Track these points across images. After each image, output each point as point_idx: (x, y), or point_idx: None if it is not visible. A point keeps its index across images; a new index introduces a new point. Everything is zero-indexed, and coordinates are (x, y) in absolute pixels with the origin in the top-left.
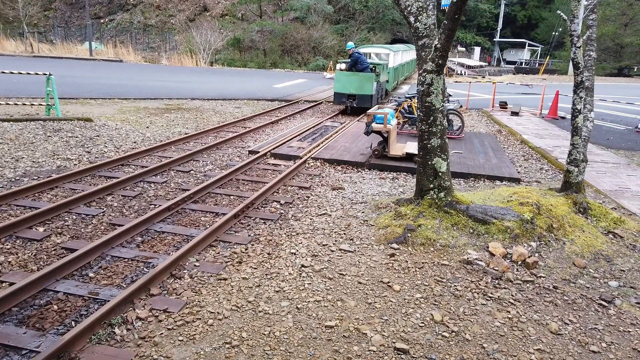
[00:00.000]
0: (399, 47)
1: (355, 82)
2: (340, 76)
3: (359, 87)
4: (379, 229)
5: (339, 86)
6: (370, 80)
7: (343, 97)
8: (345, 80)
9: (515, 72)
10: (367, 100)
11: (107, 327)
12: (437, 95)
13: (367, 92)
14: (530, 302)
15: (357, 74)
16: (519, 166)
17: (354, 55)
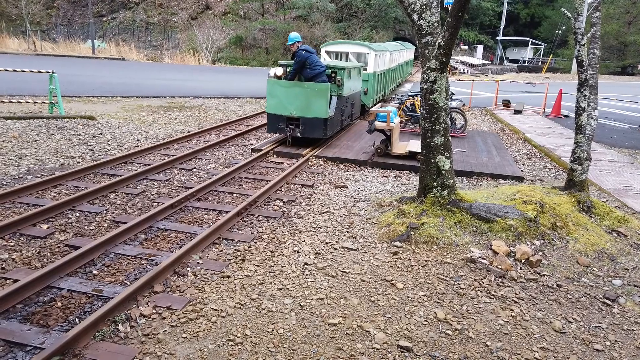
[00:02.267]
0: (388, 46)
1: (300, 98)
2: (274, 88)
3: (304, 107)
4: (381, 227)
5: (273, 104)
6: (323, 95)
7: (280, 121)
8: (282, 95)
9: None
10: (318, 127)
11: (111, 324)
12: (441, 93)
13: (318, 113)
14: (533, 300)
15: (303, 84)
16: (522, 164)
17: (299, 54)
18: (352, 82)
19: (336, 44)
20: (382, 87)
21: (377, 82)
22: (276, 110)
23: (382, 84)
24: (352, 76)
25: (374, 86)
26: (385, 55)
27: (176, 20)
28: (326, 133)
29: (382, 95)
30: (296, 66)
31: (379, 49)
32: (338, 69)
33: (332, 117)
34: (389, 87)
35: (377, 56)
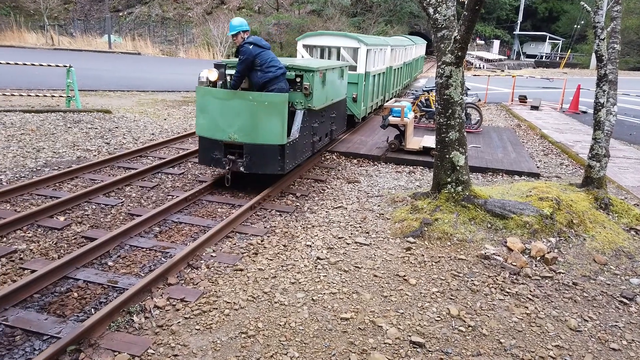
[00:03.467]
0: (390, 40)
1: (243, 116)
2: (206, 100)
3: (250, 128)
4: (395, 223)
5: (205, 123)
6: (277, 111)
7: (214, 149)
8: (217, 111)
9: (536, 65)
10: (270, 159)
11: (126, 315)
12: (456, 88)
13: (270, 138)
14: (548, 298)
15: (247, 95)
16: (538, 161)
17: (244, 50)
18: (329, 88)
19: (317, 36)
20: (380, 91)
21: (373, 86)
22: (209, 132)
23: (381, 87)
24: (330, 80)
25: (368, 91)
26: (384, 51)
27: (191, 15)
28: (284, 166)
29: (382, 101)
30: (241, 67)
31: (375, 43)
32: (305, 70)
33: (296, 142)
34: (392, 90)
35: (371, 52)
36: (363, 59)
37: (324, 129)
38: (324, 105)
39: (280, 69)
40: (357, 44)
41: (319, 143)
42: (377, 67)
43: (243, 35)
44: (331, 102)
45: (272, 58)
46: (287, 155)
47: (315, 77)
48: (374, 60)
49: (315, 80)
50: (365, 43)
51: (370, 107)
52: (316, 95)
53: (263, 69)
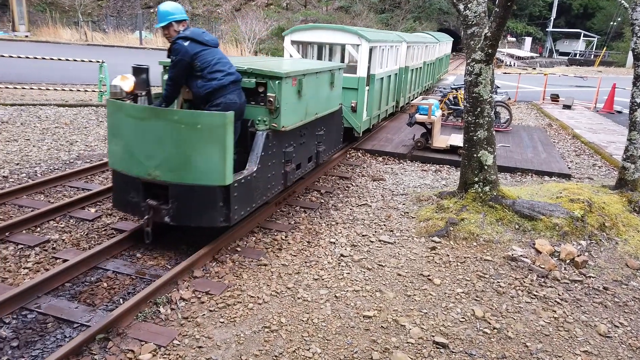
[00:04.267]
0: (406, 36)
1: (167, 143)
2: (118, 119)
3: (176, 161)
4: (420, 222)
5: (118, 151)
6: (217, 138)
7: (130, 188)
8: (132, 135)
9: (569, 63)
10: (207, 206)
11: (153, 306)
12: (485, 86)
13: (206, 176)
14: (578, 302)
15: (173, 115)
16: (569, 162)
17: (177, 47)
18: (311, 99)
19: (308, 30)
20: (391, 96)
21: (380, 91)
22: (123, 165)
23: (392, 91)
24: (312, 88)
25: (372, 98)
26: (396, 49)
27: (220, 11)
28: (229, 215)
29: (394, 108)
30: (173, 73)
31: (382, 38)
32: (270, 76)
33: (252, 178)
34: (409, 94)
35: (376, 50)
36: (365, 58)
37: (304, 152)
38: (301, 122)
39: (231, 74)
40: (356, 39)
41: (297, 172)
42: (385, 68)
43: (177, 28)
44: (315, 117)
45: (218, 59)
46: (235, 200)
47: (284, 86)
48: (380, 60)
49: (285, 90)
50: (368, 39)
51: (376, 116)
52: (287, 111)
53: (205, 74)
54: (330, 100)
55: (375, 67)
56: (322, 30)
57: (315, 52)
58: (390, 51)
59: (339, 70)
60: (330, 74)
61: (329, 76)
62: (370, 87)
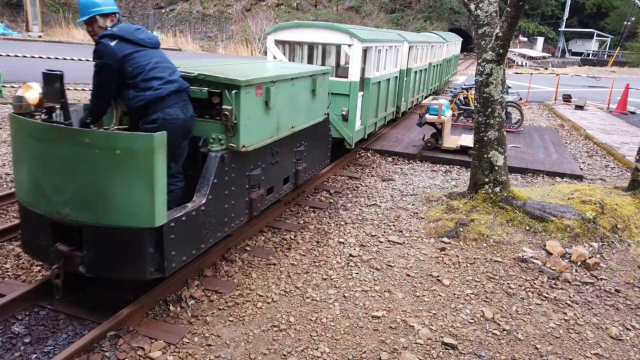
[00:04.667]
0: (408, 36)
1: (79, 173)
2: (23, 140)
3: (90, 195)
4: (429, 222)
5: (24, 181)
6: (141, 166)
7: (38, 228)
8: (38, 161)
9: (582, 63)
10: (131, 254)
11: (163, 304)
12: (496, 86)
13: (127, 216)
14: (589, 304)
15: (84, 136)
16: (581, 163)
17: (101, 48)
18: (285, 111)
19: (294, 28)
20: (391, 102)
21: (377, 97)
22: (29, 197)
23: (391, 96)
24: (286, 98)
25: (367, 104)
26: (396, 49)
27: (231, 11)
28: (163, 265)
29: (393, 114)
30: (98, 80)
31: (378, 38)
32: (226, 84)
33: (201, 214)
34: (412, 98)
35: (371, 51)
36: (357, 60)
37: (278, 173)
38: (271, 139)
39: (172, 82)
40: (347, 38)
41: (269, 197)
42: (383, 71)
43: (103, 23)
44: (291, 131)
45: (155, 64)
46: (172, 244)
47: (244, 96)
48: (377, 62)
49: (246, 102)
50: (360, 38)
51: (373, 124)
52: (249, 127)
53: (138, 83)
54: (312, 110)
55: (371, 70)
56: (309, 28)
57: (304, 53)
58: (389, 52)
59: (323, 75)
60: (312, 79)
61: (309, 82)
62: (364, 93)
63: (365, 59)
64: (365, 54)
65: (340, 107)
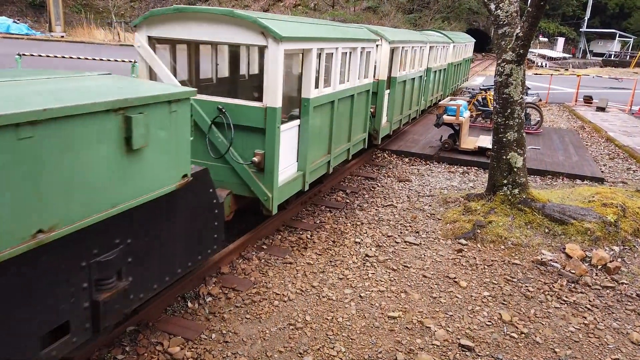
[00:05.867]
0: (386, 34)
1: None
2: None
3: None
4: (446, 224)
5: None
6: None
7: None
8: None
9: (603, 64)
10: None
11: (181, 300)
12: (516, 87)
13: None
14: (609, 309)
15: None
16: (602, 165)
17: None
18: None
19: (173, 20)
20: (354, 131)
21: (319, 132)
22: None
23: (356, 123)
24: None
25: (309, 143)
26: (366, 53)
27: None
28: None
29: (364, 142)
30: None
31: (327, 36)
32: None
33: None
34: (396, 117)
35: (310, 56)
36: (276, 72)
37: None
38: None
39: None
40: (259, 37)
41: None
42: (339, 86)
43: None
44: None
45: None
46: None
47: None
48: (328, 72)
49: None
50: (280, 36)
51: (322, 166)
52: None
53: None
54: (129, 178)
55: (309, 88)
56: (194, 19)
57: (211, 58)
58: (351, 57)
59: (169, 104)
60: (124, 119)
61: (115, 124)
62: (303, 123)
63: (305, 69)
64: (305, 62)
65: (250, 149)
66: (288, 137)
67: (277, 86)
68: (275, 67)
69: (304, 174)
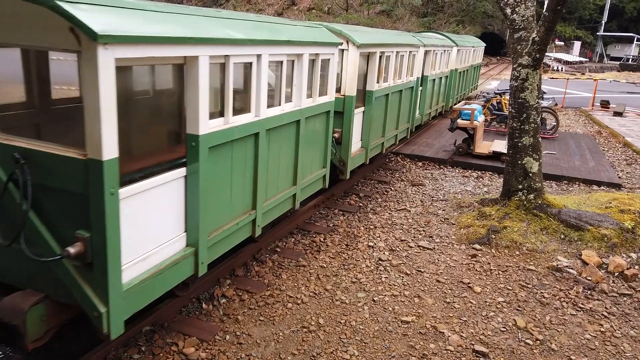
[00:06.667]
0: (351, 33)
1: None
2: None
3: None
4: (460, 228)
5: None
6: None
7: None
8: None
9: (621, 69)
10: None
11: (195, 302)
12: (532, 91)
13: None
14: (626, 316)
15: None
16: (620, 171)
17: None
18: None
19: None
20: (283, 182)
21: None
22: None
23: (282, 170)
24: None
25: (201, 208)
26: (309, 63)
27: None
28: None
29: (291, 202)
30: None
31: (241, 37)
32: None
33: None
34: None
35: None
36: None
37: None
38: None
39: None
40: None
41: None
42: (256, 115)
43: None
44: None
45: None
46: None
47: None
48: (214, 96)
49: None
50: (94, 34)
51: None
52: None
53: None
54: None
55: (204, 122)
56: None
57: None
58: (294, 69)
59: None
60: None
61: None
62: (191, 177)
63: (197, 87)
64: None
65: (66, 230)
66: (149, 202)
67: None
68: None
69: (195, 254)
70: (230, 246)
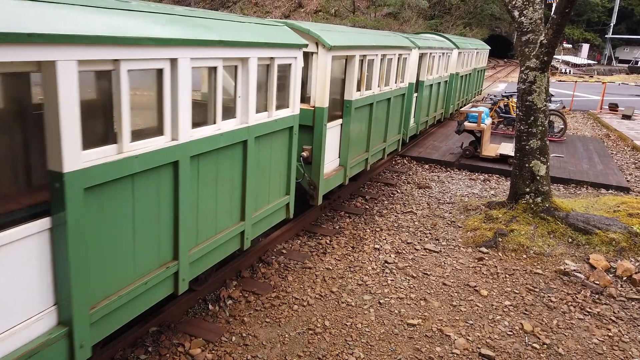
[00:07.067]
0: (321, 34)
1: None
2: None
3: None
4: (467, 231)
5: None
6: None
7: None
8: None
9: (629, 71)
10: None
11: (202, 303)
12: (540, 94)
13: None
14: (634, 321)
15: None
16: (628, 174)
17: None
18: None
19: None
20: (227, 217)
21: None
22: None
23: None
24: None
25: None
26: (255, 69)
27: (270, 18)
28: None
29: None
30: None
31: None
32: None
33: None
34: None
35: None
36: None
37: None
38: None
39: None
40: None
41: None
42: (189, 135)
43: None
44: None
45: None
46: None
47: None
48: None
49: None
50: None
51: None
52: None
53: None
54: None
55: (69, 154)
56: None
57: None
58: (240, 79)
59: None
60: None
61: None
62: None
63: None
64: None
65: None
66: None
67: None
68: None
69: (69, 335)
70: (131, 317)
